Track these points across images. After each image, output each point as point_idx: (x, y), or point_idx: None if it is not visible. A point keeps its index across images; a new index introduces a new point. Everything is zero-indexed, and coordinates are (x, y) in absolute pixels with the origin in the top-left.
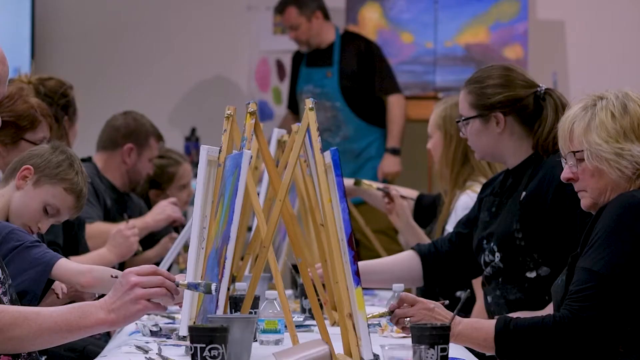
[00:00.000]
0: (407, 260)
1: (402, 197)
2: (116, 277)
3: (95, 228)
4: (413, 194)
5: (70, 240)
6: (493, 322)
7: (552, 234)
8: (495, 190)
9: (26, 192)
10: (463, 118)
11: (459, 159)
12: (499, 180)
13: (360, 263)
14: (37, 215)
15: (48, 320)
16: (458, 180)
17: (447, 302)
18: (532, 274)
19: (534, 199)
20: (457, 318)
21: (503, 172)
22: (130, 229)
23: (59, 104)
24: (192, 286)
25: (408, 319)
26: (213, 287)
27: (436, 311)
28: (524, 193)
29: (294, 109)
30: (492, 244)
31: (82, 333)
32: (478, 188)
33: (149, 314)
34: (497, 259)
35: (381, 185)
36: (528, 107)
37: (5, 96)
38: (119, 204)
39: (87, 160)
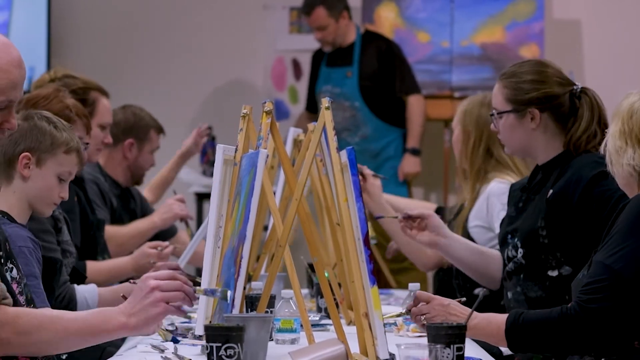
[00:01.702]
0: (498, 259)
1: (374, 175)
2: (134, 282)
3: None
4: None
5: (89, 241)
6: (506, 315)
7: (577, 235)
8: (524, 185)
9: (35, 176)
10: (497, 112)
11: (480, 154)
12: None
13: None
14: (56, 189)
15: (73, 323)
16: (479, 175)
17: (464, 299)
18: (554, 273)
19: (560, 198)
20: (474, 313)
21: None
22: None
23: None
24: (209, 292)
25: (423, 317)
26: (229, 293)
27: (451, 307)
28: (551, 191)
29: (312, 108)
30: (516, 240)
31: (104, 337)
32: (508, 177)
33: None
34: (519, 255)
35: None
36: (564, 105)
37: (42, 96)
38: (122, 200)
39: None
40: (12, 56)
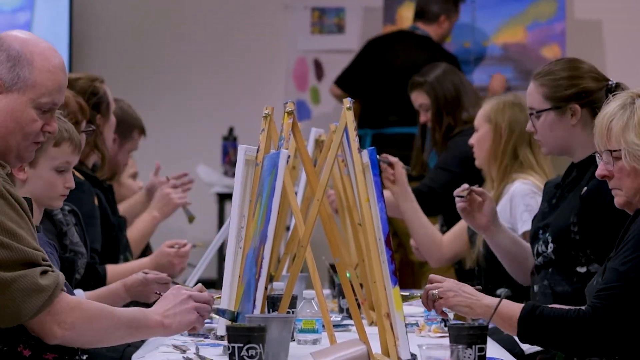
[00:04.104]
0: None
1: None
2: (159, 294)
3: None
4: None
5: (111, 242)
6: (522, 305)
7: (608, 233)
8: (558, 182)
9: (33, 177)
10: (536, 111)
11: (509, 153)
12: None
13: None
14: (58, 182)
15: (124, 315)
16: (506, 173)
17: (479, 287)
18: (582, 269)
19: (594, 196)
20: (487, 297)
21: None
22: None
23: (90, 103)
24: (221, 312)
25: (436, 291)
26: (237, 314)
27: (465, 285)
28: (585, 188)
29: None
30: (547, 235)
31: (145, 333)
32: (531, 177)
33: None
34: (549, 250)
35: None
36: (600, 100)
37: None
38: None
39: None
40: (58, 60)
